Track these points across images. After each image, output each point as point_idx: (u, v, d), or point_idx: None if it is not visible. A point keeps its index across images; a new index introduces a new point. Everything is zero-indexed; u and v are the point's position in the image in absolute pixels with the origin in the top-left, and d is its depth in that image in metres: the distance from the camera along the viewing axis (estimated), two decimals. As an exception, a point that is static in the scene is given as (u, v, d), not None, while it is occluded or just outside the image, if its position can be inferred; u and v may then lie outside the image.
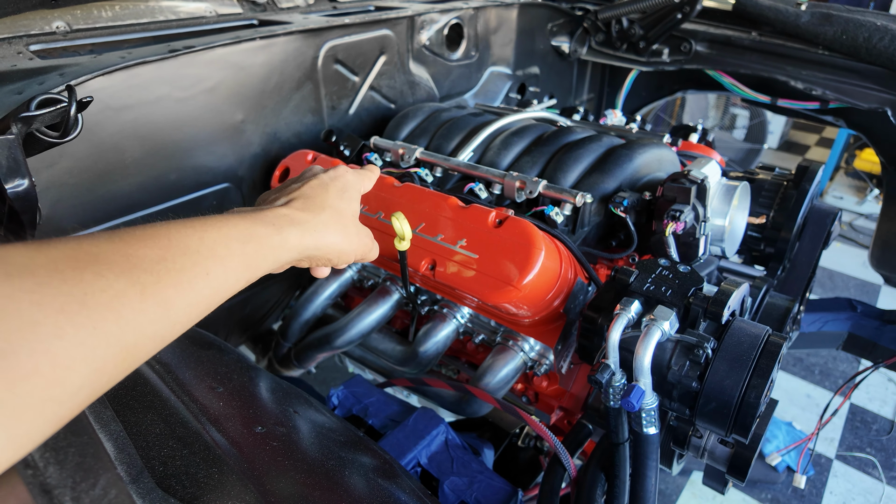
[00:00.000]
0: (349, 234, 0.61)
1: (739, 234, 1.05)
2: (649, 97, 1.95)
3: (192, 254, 0.43)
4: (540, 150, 1.08)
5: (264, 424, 0.64)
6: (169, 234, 0.43)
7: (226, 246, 0.47)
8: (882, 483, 1.92)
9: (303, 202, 0.58)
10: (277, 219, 0.54)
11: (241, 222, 0.49)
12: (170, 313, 0.40)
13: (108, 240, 0.39)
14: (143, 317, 0.37)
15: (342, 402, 0.97)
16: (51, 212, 0.87)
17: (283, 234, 0.53)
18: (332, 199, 0.60)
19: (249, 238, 0.49)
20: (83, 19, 1.01)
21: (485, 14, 1.48)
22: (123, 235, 0.40)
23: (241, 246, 0.48)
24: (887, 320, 1.40)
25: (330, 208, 0.59)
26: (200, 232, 0.45)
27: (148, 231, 0.42)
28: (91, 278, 0.35)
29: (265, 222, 0.52)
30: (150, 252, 0.40)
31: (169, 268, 0.40)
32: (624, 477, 0.79)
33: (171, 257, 0.41)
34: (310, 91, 1.15)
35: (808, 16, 1.39)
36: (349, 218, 0.61)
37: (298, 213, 0.56)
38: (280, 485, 0.55)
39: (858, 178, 4.00)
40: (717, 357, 0.69)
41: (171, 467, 0.51)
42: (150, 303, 0.38)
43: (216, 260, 0.45)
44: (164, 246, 0.41)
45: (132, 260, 0.38)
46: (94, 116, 0.87)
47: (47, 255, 0.34)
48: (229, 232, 0.47)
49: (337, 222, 0.59)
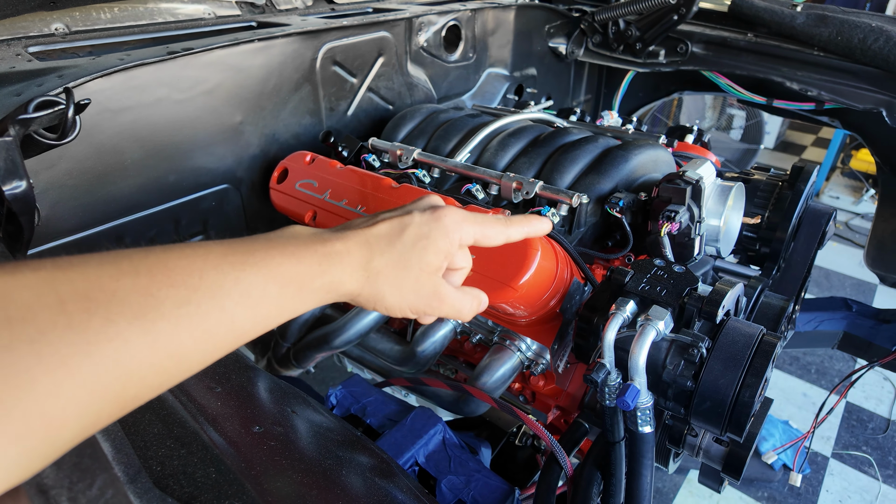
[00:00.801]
0: (403, 289, 0.51)
1: (734, 235, 1.06)
2: (646, 98, 1.96)
3: (221, 297, 0.38)
4: (536, 151, 1.09)
5: (262, 424, 0.64)
6: (203, 270, 0.38)
7: (262, 289, 0.41)
8: (878, 481, 1.93)
9: (369, 239, 0.50)
10: (329, 258, 0.46)
11: (285, 261, 0.43)
12: (181, 364, 0.37)
13: (134, 272, 0.35)
14: (150, 370, 0.34)
15: (340, 401, 0.98)
16: (50, 213, 0.87)
17: (329, 276, 0.46)
18: (402, 244, 0.51)
19: (291, 281, 0.43)
20: (82, 21, 1.02)
21: (482, 16, 1.49)
22: (152, 268, 0.36)
23: (278, 289, 0.42)
24: (882, 319, 1.41)
25: (396, 255, 0.50)
26: (238, 271, 0.40)
27: (181, 263, 0.37)
28: (100, 325, 0.32)
29: (313, 261, 0.45)
30: (175, 293, 0.36)
31: (192, 313, 0.36)
32: (620, 475, 0.79)
33: (196, 300, 0.37)
34: (308, 93, 1.15)
35: (803, 17, 1.40)
36: (413, 271, 0.51)
37: (356, 253, 0.48)
38: (277, 484, 0.55)
39: (855, 178, 4.01)
40: (712, 356, 0.70)
41: (169, 467, 0.52)
42: (162, 355, 0.35)
43: (247, 306, 0.40)
44: (192, 286, 0.37)
45: (151, 302, 0.34)
46: (93, 118, 0.87)
47: (58, 292, 0.31)
48: (270, 273, 0.42)
49: (394, 273, 0.50)
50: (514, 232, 0.59)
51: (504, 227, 0.58)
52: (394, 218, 0.52)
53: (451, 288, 0.55)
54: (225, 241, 0.42)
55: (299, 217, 1.04)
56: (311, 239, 0.47)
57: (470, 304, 0.57)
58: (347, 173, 1.02)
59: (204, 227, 1.08)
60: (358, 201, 0.98)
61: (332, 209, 1.00)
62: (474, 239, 0.55)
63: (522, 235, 0.61)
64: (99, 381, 0.31)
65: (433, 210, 0.53)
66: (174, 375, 0.37)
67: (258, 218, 1.17)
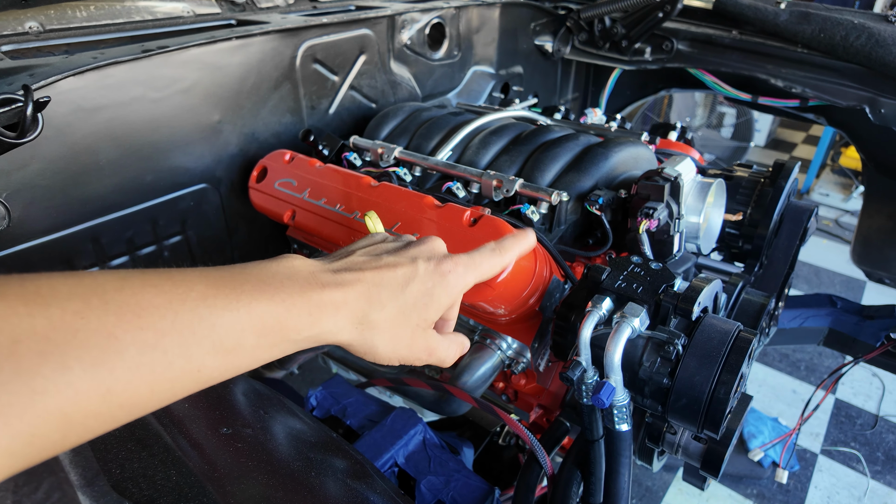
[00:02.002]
0: (398, 345, 0.48)
1: (716, 232, 1.06)
2: (633, 96, 1.96)
3: (191, 345, 0.35)
4: (518, 148, 1.08)
5: (231, 426, 0.63)
6: (179, 312, 0.35)
7: (238, 338, 0.37)
8: (866, 477, 1.93)
9: (370, 290, 0.46)
10: (322, 309, 0.42)
11: (273, 309, 0.39)
12: (132, 412, 0.34)
13: (102, 309, 0.32)
14: (97, 419, 0.32)
15: (321, 402, 0.97)
16: (23, 214, 0.86)
17: (318, 328, 0.42)
18: (404, 300, 0.47)
19: (272, 330, 0.39)
20: (57, 19, 1.01)
21: (467, 13, 1.48)
22: (123, 305, 0.33)
23: (256, 339, 0.39)
24: (866, 316, 1.41)
25: (396, 311, 0.47)
26: (216, 316, 0.36)
27: (156, 301, 0.34)
28: (51, 372, 0.29)
29: (303, 311, 0.41)
30: (142, 337, 0.33)
31: (155, 361, 0.33)
32: (599, 474, 0.79)
33: (163, 346, 0.34)
34: (288, 91, 1.15)
35: (786, 14, 1.40)
36: (410, 327, 0.49)
37: (353, 305, 0.44)
38: (241, 486, 0.54)
39: (844, 175, 4.03)
40: (688, 353, 0.69)
41: (129, 470, 0.51)
42: (114, 405, 0.32)
43: (218, 355, 0.36)
44: (162, 330, 0.34)
45: (114, 346, 0.31)
46: (66, 118, 0.86)
47: (13, 330, 0.29)
48: (251, 320, 0.38)
49: (391, 329, 0.47)
50: (507, 259, 0.60)
51: (499, 258, 0.58)
52: (398, 266, 0.48)
53: (441, 338, 0.54)
54: (214, 273, 0.39)
55: (278, 216, 1.03)
56: (307, 283, 0.43)
57: (454, 353, 0.57)
58: (327, 172, 1.01)
59: (182, 227, 1.07)
60: (337, 200, 0.97)
61: (311, 208, 0.99)
62: (475, 282, 0.55)
63: (515, 258, 0.62)
64: (36, 431, 0.29)
65: (438, 263, 0.51)
66: (121, 422, 0.34)
67: (237, 217, 1.17)
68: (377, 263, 0.48)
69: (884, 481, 1.92)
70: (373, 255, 0.50)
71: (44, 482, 0.41)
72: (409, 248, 0.52)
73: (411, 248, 0.52)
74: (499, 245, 0.60)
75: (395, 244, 0.53)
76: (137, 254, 1.03)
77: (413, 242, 0.54)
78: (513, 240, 0.62)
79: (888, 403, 2.23)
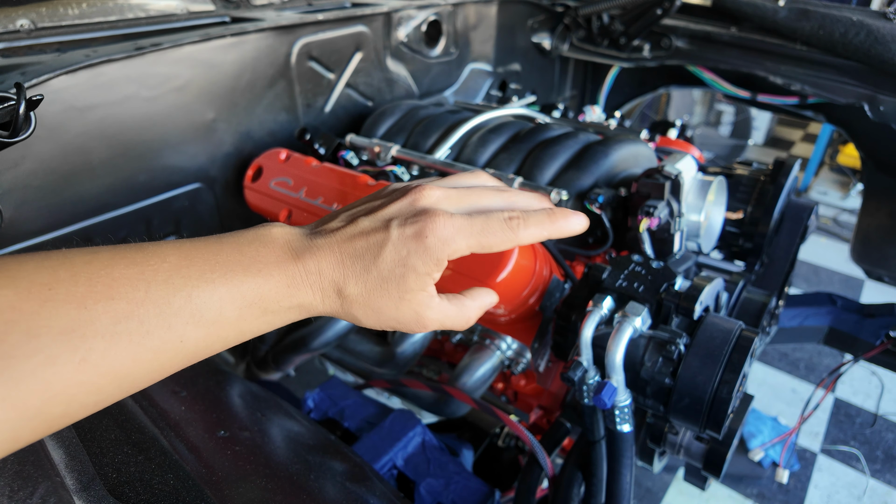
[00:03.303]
0: (382, 314, 0.44)
1: (716, 230, 1.05)
2: (632, 93, 1.95)
3: (168, 315, 0.34)
4: (517, 147, 1.07)
5: (228, 429, 0.62)
6: (152, 283, 0.34)
7: (218, 310, 0.36)
8: (866, 476, 1.93)
9: (343, 258, 0.42)
10: (298, 279, 0.41)
11: (248, 280, 0.38)
12: (120, 383, 0.33)
13: (71, 280, 0.32)
14: (80, 388, 0.31)
15: (318, 405, 0.96)
16: (15, 214, 0.85)
17: (298, 298, 0.41)
18: (378, 271, 0.42)
19: (253, 302, 0.38)
20: (49, 17, 0.99)
21: (464, 10, 1.47)
22: (93, 276, 0.32)
23: (237, 311, 0.38)
24: (866, 314, 1.40)
25: (372, 283, 0.42)
26: (192, 287, 0.35)
27: (127, 272, 0.33)
28: (19, 339, 0.29)
29: (280, 281, 0.40)
30: (114, 307, 0.32)
31: (132, 330, 0.32)
32: (600, 475, 0.78)
33: (139, 316, 0.33)
34: (283, 89, 1.13)
35: (785, 11, 1.39)
36: (392, 297, 0.43)
37: (328, 275, 0.42)
38: (239, 489, 0.53)
39: (842, 173, 4.03)
40: (690, 353, 0.68)
41: (125, 474, 0.50)
42: (94, 374, 0.31)
43: (199, 326, 0.36)
44: (136, 300, 0.33)
45: (85, 315, 0.31)
46: (58, 116, 0.85)
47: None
48: (229, 292, 0.37)
49: (370, 300, 0.43)
50: (528, 235, 0.45)
51: (514, 232, 0.44)
52: (370, 233, 0.43)
53: (437, 301, 0.46)
54: (188, 244, 0.38)
55: (274, 216, 1.02)
56: (283, 252, 0.41)
57: (454, 314, 0.47)
58: (323, 171, 1.00)
59: (177, 227, 1.06)
60: (334, 199, 0.96)
61: (308, 208, 0.98)
62: (470, 251, 0.44)
63: (542, 237, 0.46)
64: (16, 397, 0.29)
65: (414, 221, 0.42)
66: (111, 395, 0.34)
67: (232, 217, 1.15)
68: (351, 231, 0.43)
69: (883, 480, 1.92)
70: (350, 218, 0.45)
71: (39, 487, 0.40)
72: (387, 206, 0.45)
73: (390, 206, 0.45)
74: (522, 216, 0.45)
75: (379, 201, 0.46)
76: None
77: (397, 193, 0.46)
78: (543, 216, 0.46)
79: (887, 402, 2.23)
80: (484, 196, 0.47)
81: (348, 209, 0.47)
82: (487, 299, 0.50)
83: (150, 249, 0.36)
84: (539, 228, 0.46)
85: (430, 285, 0.45)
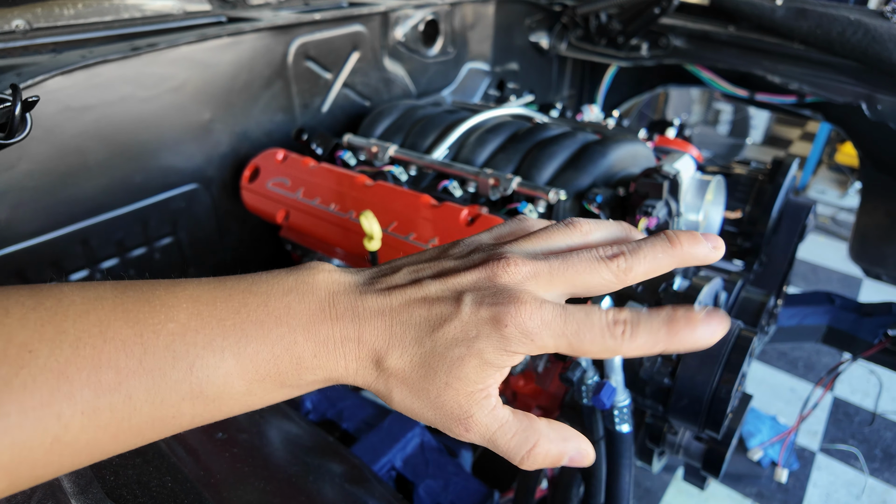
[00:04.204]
0: (418, 400, 0.35)
1: (715, 229, 1.05)
2: (630, 93, 1.95)
3: (163, 389, 0.30)
4: (515, 146, 1.07)
5: (226, 431, 0.62)
6: (147, 350, 0.29)
7: (223, 384, 0.31)
8: (864, 474, 1.93)
9: (393, 326, 0.34)
10: (329, 345, 0.33)
11: (264, 349, 0.32)
12: (94, 457, 0.30)
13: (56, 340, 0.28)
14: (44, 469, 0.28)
15: (316, 406, 0.96)
16: (11, 216, 0.85)
17: (323, 371, 0.34)
18: (433, 344, 0.34)
19: (267, 375, 0.32)
20: (44, 17, 0.99)
21: (461, 10, 1.47)
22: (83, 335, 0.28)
23: (246, 386, 0.32)
24: (864, 313, 1.40)
25: (420, 356, 0.34)
26: (194, 357, 0.30)
27: (122, 333, 0.29)
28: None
29: (306, 349, 0.33)
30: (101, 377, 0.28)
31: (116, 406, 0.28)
32: (600, 476, 0.78)
33: (127, 389, 0.29)
34: (280, 89, 1.13)
35: (783, 10, 1.39)
36: (439, 382, 0.34)
37: (369, 343, 0.34)
38: (238, 492, 0.53)
39: (840, 171, 4.04)
40: (688, 353, 0.68)
41: (123, 477, 0.49)
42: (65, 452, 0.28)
43: (198, 402, 0.31)
44: (127, 370, 0.29)
45: (64, 387, 0.27)
46: (54, 117, 0.85)
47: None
48: (239, 364, 0.31)
49: (412, 378, 0.34)
50: (635, 345, 0.33)
51: (616, 340, 0.33)
52: (436, 302, 0.34)
53: (494, 405, 0.35)
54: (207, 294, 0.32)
55: (271, 217, 1.02)
56: (319, 309, 0.34)
57: (510, 434, 0.35)
58: (320, 171, 0.99)
59: (173, 228, 1.06)
60: (331, 200, 0.96)
61: (305, 208, 0.97)
62: (557, 351, 0.34)
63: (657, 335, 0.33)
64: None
65: (494, 302, 0.33)
66: (77, 467, 0.30)
67: (229, 218, 1.15)
68: (413, 294, 0.35)
69: (882, 478, 1.92)
70: (415, 276, 0.36)
71: (37, 490, 0.40)
72: (461, 273, 0.35)
73: (465, 274, 0.35)
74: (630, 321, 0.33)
75: (452, 263, 0.37)
76: (128, 256, 1.01)
77: (475, 257, 0.37)
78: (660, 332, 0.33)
79: (886, 400, 2.23)
80: (581, 266, 0.35)
81: (412, 261, 0.38)
82: (572, 444, 0.37)
83: (158, 301, 0.31)
84: (653, 335, 0.33)
85: (492, 384, 0.35)
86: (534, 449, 0.35)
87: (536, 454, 0.35)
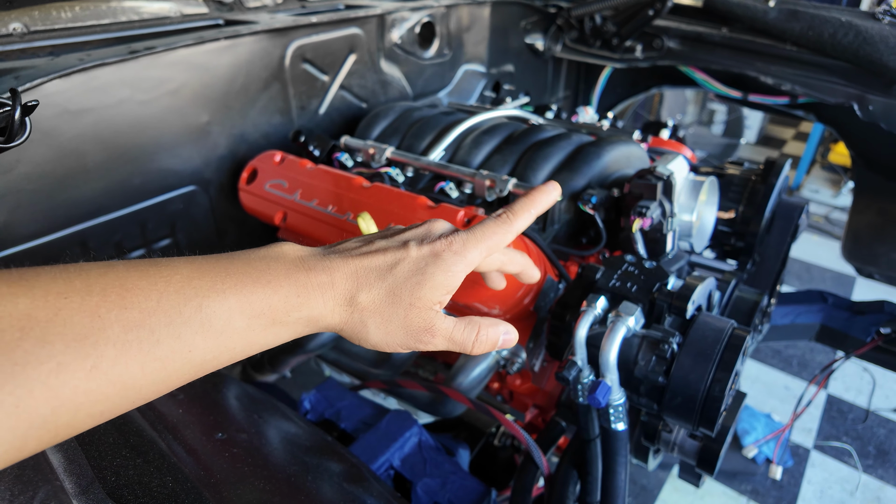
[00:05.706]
0: (391, 326, 0.45)
1: (708, 229, 1.06)
2: (625, 94, 1.96)
3: (178, 324, 0.35)
4: (510, 148, 1.08)
5: (225, 431, 0.63)
6: (164, 293, 0.35)
7: (226, 320, 0.38)
8: (858, 471, 1.95)
9: (357, 271, 0.44)
10: (309, 289, 0.42)
11: (258, 290, 0.39)
12: (126, 393, 0.34)
13: (85, 290, 0.33)
14: (87, 397, 0.32)
15: (314, 406, 0.96)
16: (9, 218, 0.85)
17: (306, 309, 0.42)
18: (393, 278, 0.45)
19: (261, 312, 0.39)
20: (42, 20, 0.99)
21: (457, 12, 1.48)
22: (107, 287, 0.33)
23: (246, 321, 0.39)
24: (857, 311, 1.42)
25: (385, 290, 0.45)
26: (202, 297, 0.36)
27: (140, 283, 0.35)
28: (32, 346, 0.30)
29: (290, 291, 0.41)
30: (127, 315, 0.33)
31: (142, 339, 0.33)
32: (596, 473, 0.79)
33: (150, 325, 0.34)
34: (278, 91, 1.14)
35: (775, 12, 1.40)
36: (403, 306, 0.45)
37: (340, 286, 0.43)
38: (238, 491, 0.54)
39: (834, 171, 4.07)
40: (682, 351, 0.69)
41: (124, 477, 0.50)
42: (103, 381, 0.32)
43: (208, 336, 0.37)
44: (148, 309, 0.34)
45: (97, 323, 0.32)
46: (52, 120, 0.85)
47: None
48: (238, 302, 0.38)
49: (381, 309, 0.45)
50: (520, 224, 0.52)
51: (506, 226, 0.50)
52: (388, 250, 0.46)
53: (449, 318, 0.48)
54: (200, 258, 0.40)
55: (269, 218, 1.02)
56: (293, 265, 0.43)
57: (471, 333, 0.49)
58: (318, 173, 1.00)
59: (172, 230, 1.06)
60: (329, 201, 0.96)
61: (303, 210, 0.98)
62: (482, 257, 0.48)
63: (531, 218, 0.53)
64: (26, 405, 0.29)
65: (431, 243, 0.47)
66: (118, 405, 0.34)
67: (227, 220, 1.15)
68: (367, 248, 0.47)
69: (875, 475, 1.94)
70: (366, 241, 0.49)
71: (39, 491, 0.40)
72: (402, 233, 0.49)
73: (405, 233, 0.49)
74: (507, 210, 0.52)
75: (394, 229, 0.51)
76: (126, 258, 1.02)
77: (410, 227, 0.51)
78: (524, 202, 0.53)
79: (879, 398, 2.25)
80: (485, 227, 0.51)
81: (358, 238, 0.50)
82: (502, 327, 0.52)
83: (162, 263, 0.38)
84: (525, 211, 0.52)
85: (444, 300, 0.47)
86: (478, 334, 0.49)
87: (481, 338, 0.50)
